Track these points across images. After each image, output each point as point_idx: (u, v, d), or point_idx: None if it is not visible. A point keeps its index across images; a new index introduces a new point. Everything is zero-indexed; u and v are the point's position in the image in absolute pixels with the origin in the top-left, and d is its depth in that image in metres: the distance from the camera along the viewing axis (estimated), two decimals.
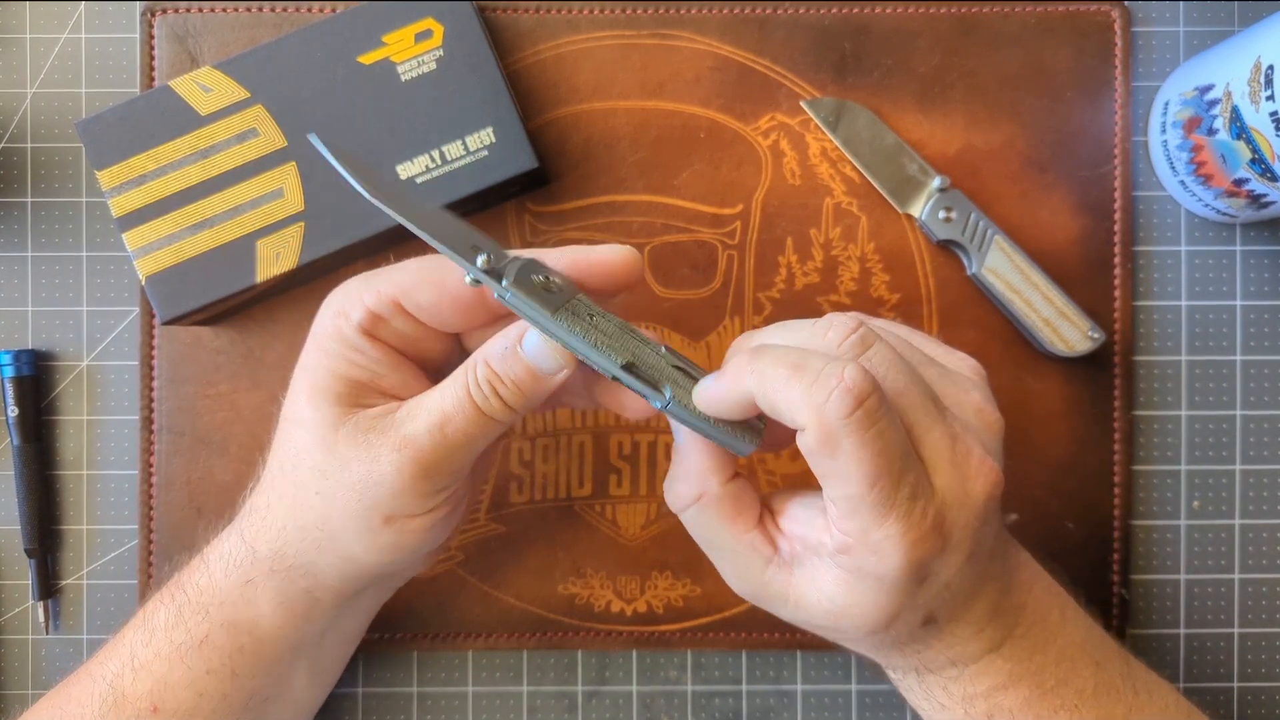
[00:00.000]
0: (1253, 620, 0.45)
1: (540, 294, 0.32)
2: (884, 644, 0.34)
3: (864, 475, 0.29)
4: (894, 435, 0.30)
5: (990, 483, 0.32)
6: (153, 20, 0.45)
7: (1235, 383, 0.46)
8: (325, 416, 0.35)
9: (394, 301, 0.35)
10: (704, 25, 0.45)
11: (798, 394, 0.29)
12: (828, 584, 0.32)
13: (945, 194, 0.44)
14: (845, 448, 0.29)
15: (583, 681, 0.46)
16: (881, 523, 0.30)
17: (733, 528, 0.34)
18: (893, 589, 0.31)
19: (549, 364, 0.34)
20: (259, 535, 0.36)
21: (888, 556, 0.30)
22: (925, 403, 0.32)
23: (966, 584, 0.33)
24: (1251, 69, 0.38)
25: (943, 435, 0.31)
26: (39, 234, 0.46)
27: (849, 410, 0.29)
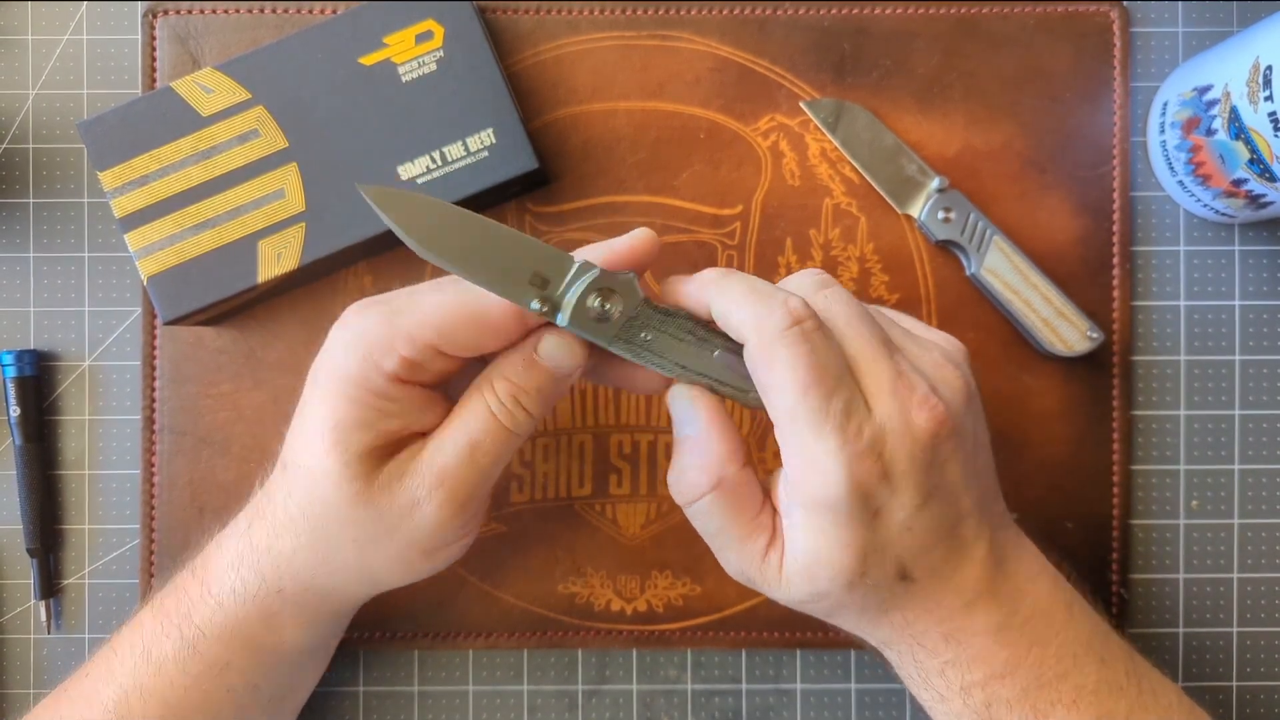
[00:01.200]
0: (1251, 620, 0.46)
1: (594, 326, 0.34)
2: (868, 606, 0.34)
3: (797, 382, 0.31)
4: (829, 354, 0.32)
5: (934, 418, 0.32)
6: (154, 21, 0.45)
7: (1234, 383, 0.46)
8: (356, 472, 0.34)
9: (431, 346, 0.34)
10: (704, 26, 0.45)
11: (746, 310, 0.33)
12: (798, 538, 0.33)
13: (944, 194, 0.45)
14: (780, 357, 0.32)
15: (583, 680, 0.46)
16: (818, 434, 0.31)
17: (743, 514, 0.35)
18: (846, 517, 0.32)
19: (569, 363, 0.34)
20: (284, 576, 0.36)
21: (828, 473, 0.32)
22: (872, 340, 0.33)
23: (931, 532, 0.33)
24: (1250, 69, 0.38)
25: (886, 368, 0.33)
26: (41, 234, 0.46)
27: (785, 325, 0.32)
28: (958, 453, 0.33)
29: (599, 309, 0.33)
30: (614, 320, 0.34)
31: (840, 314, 0.34)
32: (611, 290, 0.33)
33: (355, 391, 0.34)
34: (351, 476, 0.34)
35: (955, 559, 0.34)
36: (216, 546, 0.38)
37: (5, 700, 0.45)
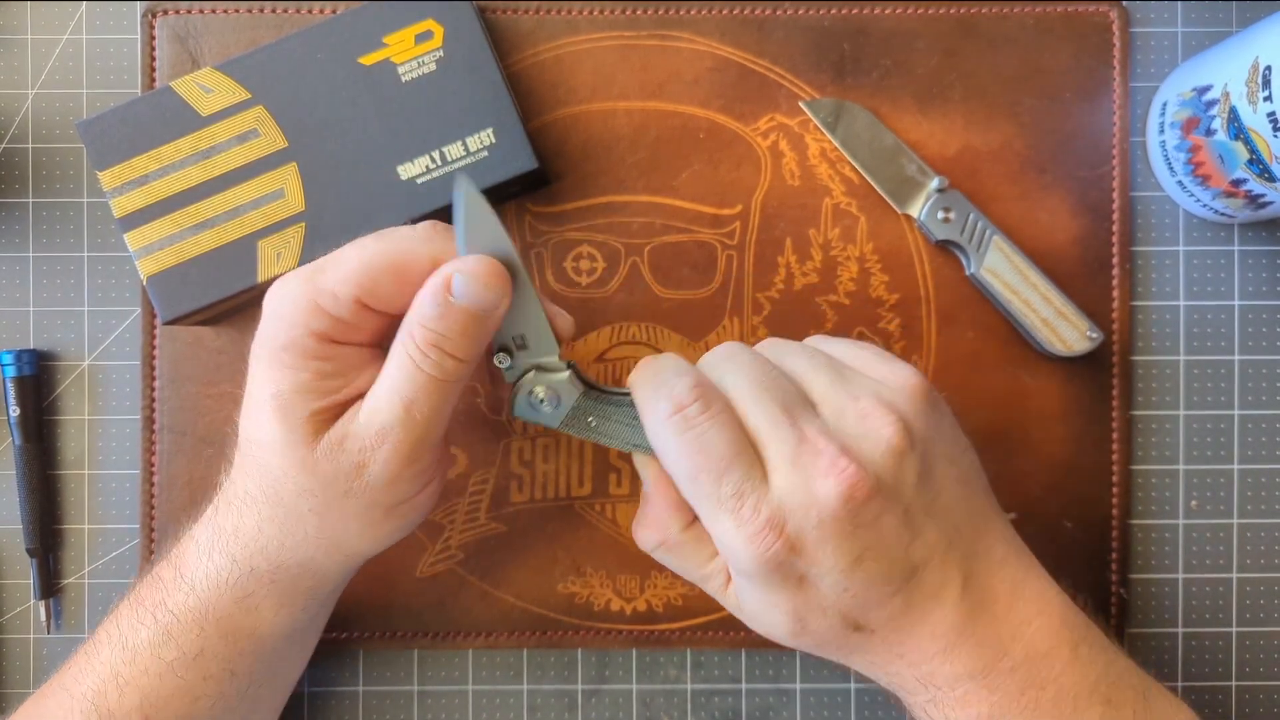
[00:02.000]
0: (1250, 619, 0.46)
1: (538, 416, 0.36)
2: (826, 650, 0.35)
3: (683, 472, 0.33)
4: (716, 437, 0.32)
5: (843, 483, 0.31)
6: (154, 21, 0.45)
7: (1233, 382, 0.46)
8: (298, 437, 0.34)
9: (357, 301, 0.33)
10: (703, 26, 0.45)
11: (640, 402, 0.34)
12: (740, 594, 0.36)
13: (944, 194, 0.45)
14: (668, 446, 0.33)
15: (583, 680, 0.46)
16: (715, 519, 0.33)
17: (692, 561, 0.37)
18: (768, 588, 0.33)
19: (488, 299, 0.33)
20: (254, 555, 0.36)
21: (735, 553, 0.33)
22: (771, 410, 0.33)
23: (875, 588, 0.33)
24: (1249, 70, 0.38)
25: (787, 437, 0.32)
26: (40, 234, 0.46)
27: (668, 414, 0.33)
28: (890, 509, 0.32)
29: (539, 402, 0.36)
30: (558, 411, 0.36)
31: (740, 386, 0.34)
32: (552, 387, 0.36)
33: (289, 358, 0.34)
34: (296, 443, 0.34)
35: (919, 608, 0.33)
36: (189, 535, 0.37)
37: (5, 700, 0.45)
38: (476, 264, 0.33)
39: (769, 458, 0.33)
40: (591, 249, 0.45)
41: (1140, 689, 0.35)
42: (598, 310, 0.45)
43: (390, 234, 0.35)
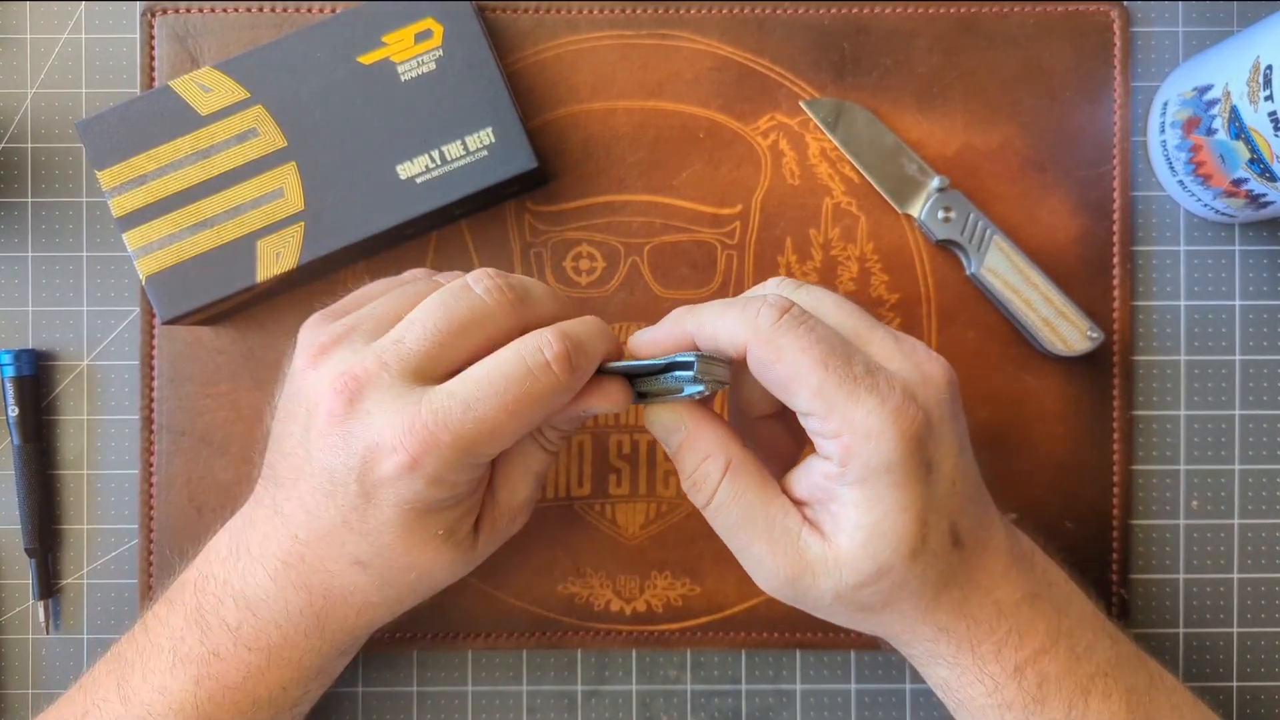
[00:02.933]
0: (1251, 620, 0.46)
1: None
2: (927, 583, 0.33)
3: (814, 361, 0.31)
4: (828, 331, 0.32)
5: (944, 368, 0.33)
6: (153, 20, 0.45)
7: (1234, 382, 0.46)
8: (461, 558, 0.36)
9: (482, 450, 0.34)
10: (703, 25, 0.45)
11: (733, 320, 0.33)
12: (852, 514, 0.32)
13: (944, 194, 0.44)
14: (786, 345, 0.32)
15: (582, 681, 0.46)
16: (856, 401, 0.31)
17: (764, 492, 0.34)
18: (903, 475, 0.31)
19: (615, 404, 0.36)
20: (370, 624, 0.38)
21: (879, 433, 0.31)
22: (863, 316, 0.34)
23: (970, 486, 0.33)
24: (1250, 69, 0.38)
25: (883, 335, 0.34)
26: (39, 234, 0.46)
27: (777, 316, 0.32)
28: (961, 407, 0.34)
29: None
30: None
31: (826, 301, 0.35)
32: None
33: (449, 500, 0.34)
34: (463, 550, 0.36)
35: (987, 520, 0.34)
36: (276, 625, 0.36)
37: (4, 700, 0.45)
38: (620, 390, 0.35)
39: (874, 352, 0.33)
40: (591, 248, 0.45)
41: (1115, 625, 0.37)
42: (597, 310, 0.45)
43: (528, 381, 0.32)
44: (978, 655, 0.34)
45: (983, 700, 0.35)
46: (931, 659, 0.35)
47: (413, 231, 0.44)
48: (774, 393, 0.33)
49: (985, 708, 0.35)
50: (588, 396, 0.35)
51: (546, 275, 0.45)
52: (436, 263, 0.45)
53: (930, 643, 0.35)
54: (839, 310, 0.34)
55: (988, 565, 0.34)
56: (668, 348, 0.35)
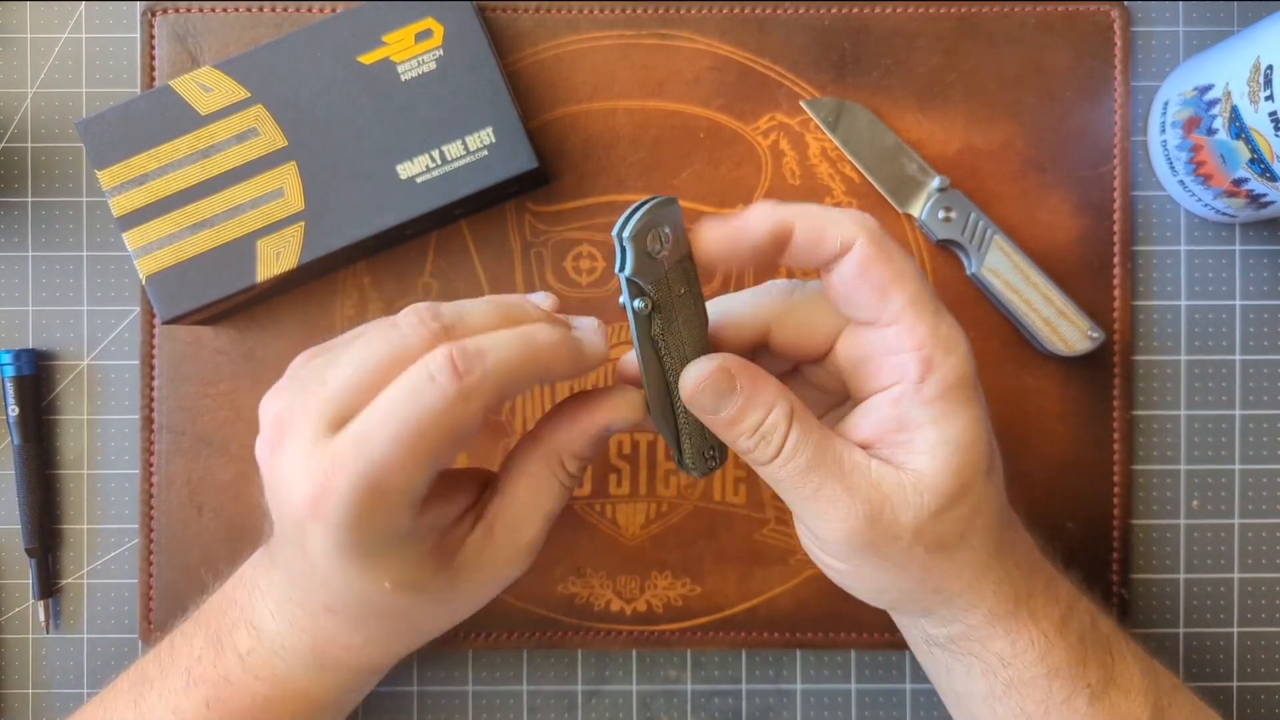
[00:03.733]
0: (1252, 620, 0.46)
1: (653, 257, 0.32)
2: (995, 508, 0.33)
3: (917, 272, 0.32)
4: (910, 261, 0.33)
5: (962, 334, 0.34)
6: (153, 20, 0.45)
7: (1234, 382, 0.46)
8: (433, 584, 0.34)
9: None
10: (704, 25, 0.45)
11: (848, 220, 0.32)
12: (930, 433, 0.32)
13: (945, 194, 0.44)
14: (894, 248, 0.32)
15: (582, 681, 0.46)
16: (940, 315, 0.32)
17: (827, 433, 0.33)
18: (974, 393, 0.33)
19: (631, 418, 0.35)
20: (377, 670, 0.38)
21: (958, 347, 0.32)
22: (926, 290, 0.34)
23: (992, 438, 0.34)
24: (1251, 69, 0.38)
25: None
26: (39, 233, 0.46)
27: (880, 226, 0.32)
28: None
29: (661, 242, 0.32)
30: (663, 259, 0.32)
31: None
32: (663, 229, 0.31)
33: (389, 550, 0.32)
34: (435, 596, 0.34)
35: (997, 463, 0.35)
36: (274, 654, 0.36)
37: (4, 700, 0.45)
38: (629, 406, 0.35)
39: None
40: (591, 248, 0.45)
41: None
42: (598, 309, 0.45)
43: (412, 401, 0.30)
44: (1032, 609, 0.34)
45: (1034, 670, 0.34)
46: (989, 627, 0.34)
47: (413, 231, 0.44)
48: (859, 298, 0.32)
49: (1035, 678, 0.34)
50: (594, 410, 0.34)
51: (547, 275, 0.45)
52: (437, 262, 0.45)
53: (993, 598, 0.34)
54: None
55: (1016, 523, 0.36)
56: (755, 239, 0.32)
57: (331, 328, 0.45)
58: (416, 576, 0.33)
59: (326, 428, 0.31)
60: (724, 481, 0.45)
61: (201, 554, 0.45)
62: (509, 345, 0.31)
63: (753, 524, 0.45)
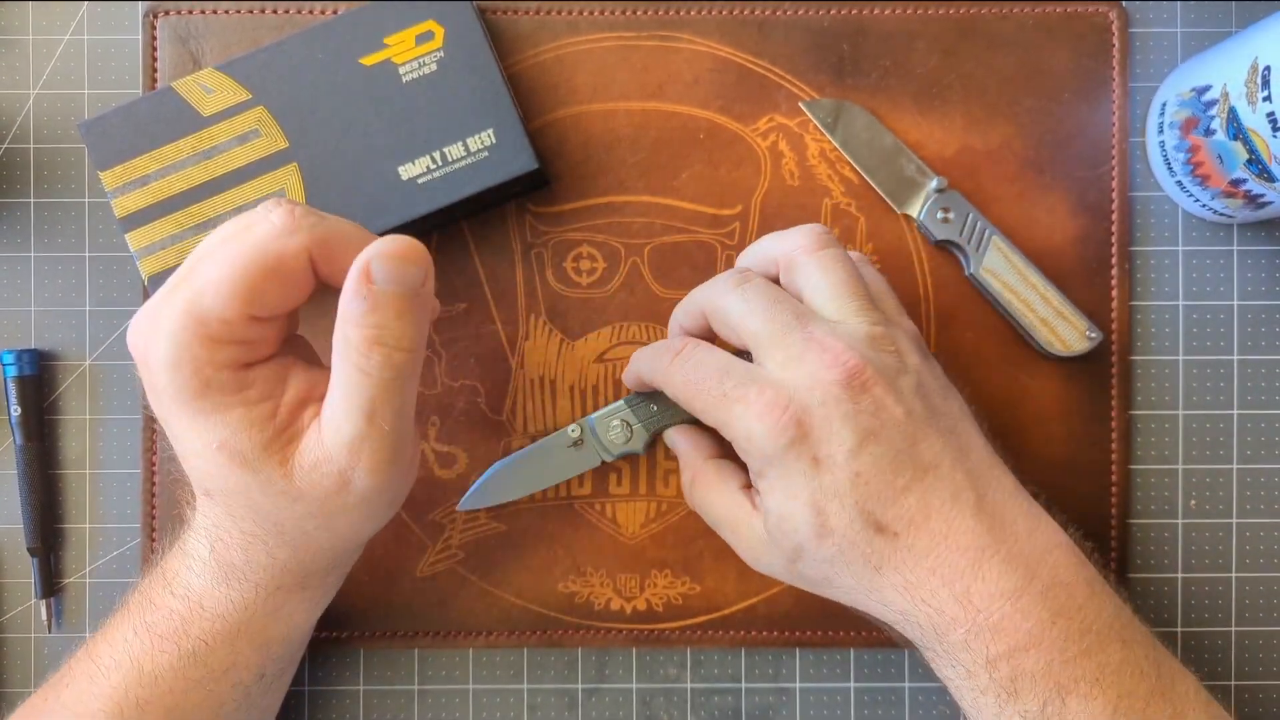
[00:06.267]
0: (1250, 619, 0.46)
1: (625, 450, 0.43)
2: (853, 563, 0.35)
3: (688, 392, 0.37)
4: (707, 356, 0.37)
5: (846, 367, 0.34)
6: (155, 22, 0.45)
7: (1232, 382, 0.46)
8: (270, 474, 0.33)
9: (247, 317, 0.32)
10: (703, 27, 0.45)
11: (643, 365, 0.40)
12: (765, 503, 0.36)
13: (943, 195, 0.45)
14: (674, 382, 0.38)
15: (583, 679, 0.46)
16: (727, 415, 0.35)
17: (723, 490, 0.39)
18: (786, 472, 0.35)
19: (415, 274, 0.32)
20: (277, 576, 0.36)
21: (749, 436, 0.35)
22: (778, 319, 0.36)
23: (887, 476, 0.34)
24: (1248, 70, 0.38)
25: (794, 339, 0.35)
26: (42, 234, 0.46)
27: (668, 363, 0.38)
28: (888, 405, 0.35)
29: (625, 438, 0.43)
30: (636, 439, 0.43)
31: (750, 304, 0.36)
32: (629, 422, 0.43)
33: (209, 404, 0.32)
34: (272, 479, 0.33)
35: (941, 512, 0.34)
36: (186, 567, 0.36)
37: (5, 699, 0.46)
38: (390, 244, 0.32)
39: (774, 358, 0.35)
40: (592, 249, 0.46)
41: (1148, 635, 0.36)
42: (598, 310, 0.45)
43: (244, 233, 0.32)
44: (945, 643, 0.35)
45: (959, 682, 0.36)
46: (906, 633, 0.37)
47: (414, 232, 0.44)
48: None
49: (962, 689, 0.36)
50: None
51: (547, 275, 0.45)
52: (438, 263, 0.45)
53: (899, 626, 0.37)
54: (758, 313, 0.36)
55: (943, 556, 0.34)
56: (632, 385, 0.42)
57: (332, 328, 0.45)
58: (244, 445, 0.32)
59: (174, 286, 0.32)
60: None
61: None
62: (347, 223, 0.34)
63: None
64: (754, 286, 0.37)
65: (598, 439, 0.43)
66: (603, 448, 0.43)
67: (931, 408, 0.36)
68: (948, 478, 0.35)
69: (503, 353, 0.45)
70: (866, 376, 0.34)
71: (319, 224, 0.33)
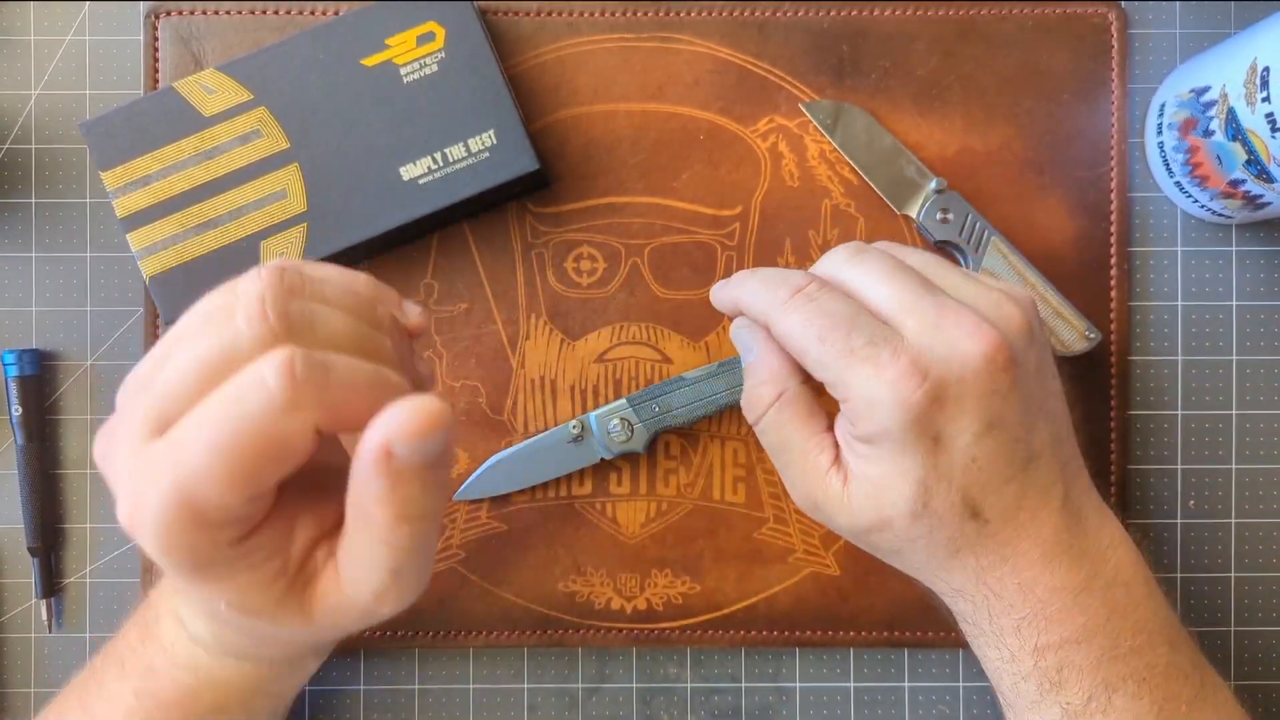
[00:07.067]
0: (1249, 619, 0.46)
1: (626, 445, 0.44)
2: (936, 544, 0.34)
3: (811, 334, 0.34)
4: (838, 305, 0.34)
5: (985, 342, 0.32)
6: (157, 22, 0.45)
7: (1230, 383, 0.46)
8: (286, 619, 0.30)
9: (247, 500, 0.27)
10: (704, 28, 0.46)
11: (760, 299, 0.36)
12: (860, 466, 0.34)
13: (942, 195, 0.45)
14: (793, 321, 0.34)
15: (583, 679, 0.46)
16: (850, 370, 0.33)
17: (806, 427, 0.36)
18: (902, 444, 0.33)
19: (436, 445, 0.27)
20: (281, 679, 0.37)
21: (875, 404, 0.32)
22: (908, 285, 0.34)
23: (1000, 466, 0.33)
24: (1247, 70, 0.38)
25: (927, 305, 0.33)
26: (43, 235, 0.46)
27: (788, 297, 0.35)
28: (1018, 387, 0.33)
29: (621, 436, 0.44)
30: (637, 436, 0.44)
31: (873, 273, 0.35)
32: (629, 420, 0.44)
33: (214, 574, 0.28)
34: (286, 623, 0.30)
35: (1031, 504, 0.34)
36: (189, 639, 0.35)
37: (6, 699, 0.46)
38: (410, 418, 0.26)
39: (905, 323, 0.33)
40: (592, 249, 0.46)
41: (1192, 641, 0.36)
42: (598, 310, 0.45)
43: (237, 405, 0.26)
44: (995, 624, 0.35)
45: (1000, 665, 0.35)
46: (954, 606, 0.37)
47: (415, 233, 0.44)
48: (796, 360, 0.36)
49: (1002, 671, 0.35)
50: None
51: (548, 276, 0.46)
52: (438, 263, 0.46)
53: (948, 598, 0.36)
54: (885, 279, 0.34)
55: (1020, 546, 0.34)
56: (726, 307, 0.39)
57: None
58: (256, 602, 0.29)
59: (149, 433, 0.27)
60: (723, 481, 0.45)
61: None
62: (357, 371, 0.27)
63: (752, 523, 0.45)
64: (873, 255, 0.36)
65: (598, 436, 0.43)
66: (603, 445, 0.44)
67: (1044, 387, 0.35)
68: (1045, 469, 0.34)
69: (503, 353, 0.45)
70: (1005, 352, 0.33)
71: (324, 387, 0.26)
